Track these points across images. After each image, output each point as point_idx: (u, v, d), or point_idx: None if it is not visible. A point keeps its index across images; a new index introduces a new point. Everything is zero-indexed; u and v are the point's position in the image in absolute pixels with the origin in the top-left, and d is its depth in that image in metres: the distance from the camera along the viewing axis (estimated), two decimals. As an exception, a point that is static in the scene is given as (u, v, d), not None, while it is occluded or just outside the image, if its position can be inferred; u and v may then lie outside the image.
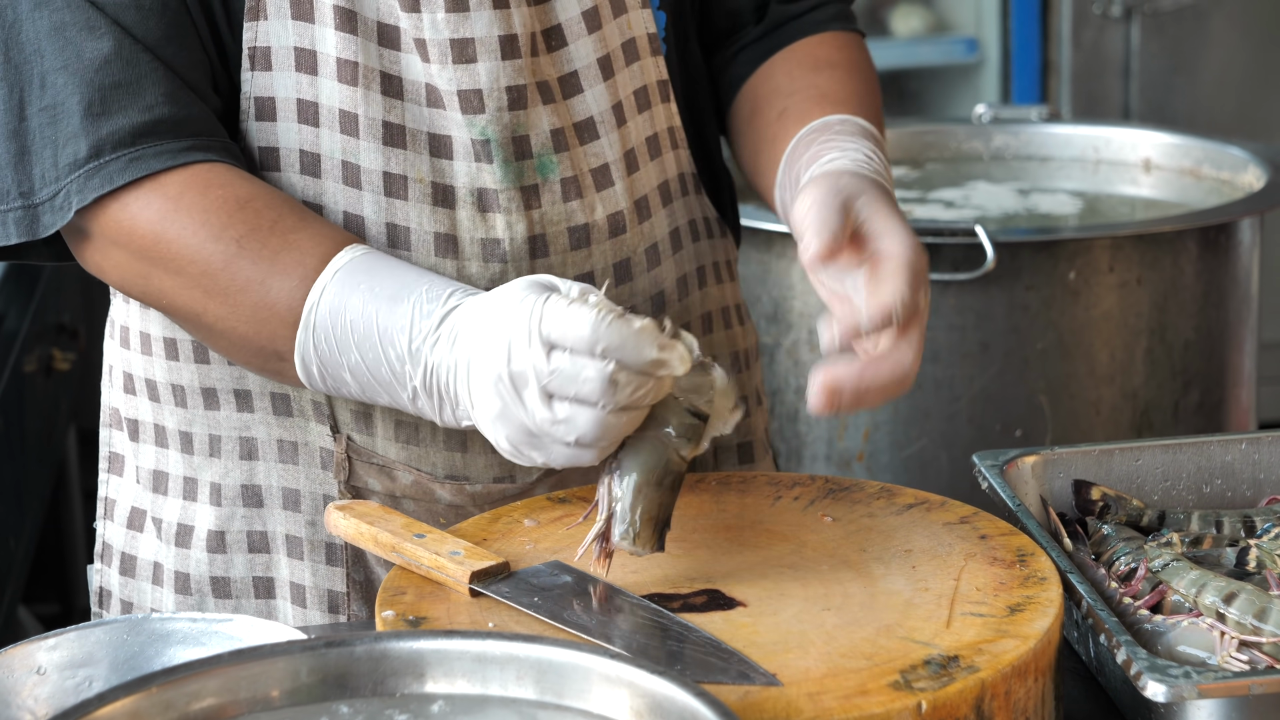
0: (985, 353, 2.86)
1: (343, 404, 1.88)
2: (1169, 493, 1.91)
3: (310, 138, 1.84)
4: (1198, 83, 5.08)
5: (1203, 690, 1.49)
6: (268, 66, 1.83)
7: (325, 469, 1.91)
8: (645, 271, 1.94)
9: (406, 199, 1.84)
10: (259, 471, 1.92)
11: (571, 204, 1.88)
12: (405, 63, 1.83)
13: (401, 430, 1.89)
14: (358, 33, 1.81)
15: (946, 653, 1.51)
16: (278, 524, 1.93)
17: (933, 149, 3.51)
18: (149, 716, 1.39)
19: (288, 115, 1.84)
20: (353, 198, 1.84)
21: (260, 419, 1.91)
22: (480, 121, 1.84)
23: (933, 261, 2.83)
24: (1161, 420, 2.91)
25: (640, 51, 1.94)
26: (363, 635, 1.45)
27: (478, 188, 1.85)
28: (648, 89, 1.95)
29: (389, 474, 1.89)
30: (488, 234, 1.86)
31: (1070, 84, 5.10)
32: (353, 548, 1.90)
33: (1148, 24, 5.00)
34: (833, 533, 1.73)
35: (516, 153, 1.86)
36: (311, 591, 1.92)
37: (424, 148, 1.84)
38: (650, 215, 1.95)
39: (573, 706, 1.42)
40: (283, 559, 1.93)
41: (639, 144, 1.94)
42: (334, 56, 1.82)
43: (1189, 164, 3.35)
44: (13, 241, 1.81)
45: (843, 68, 2.00)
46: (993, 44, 5.24)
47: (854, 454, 2.93)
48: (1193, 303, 2.91)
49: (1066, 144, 3.46)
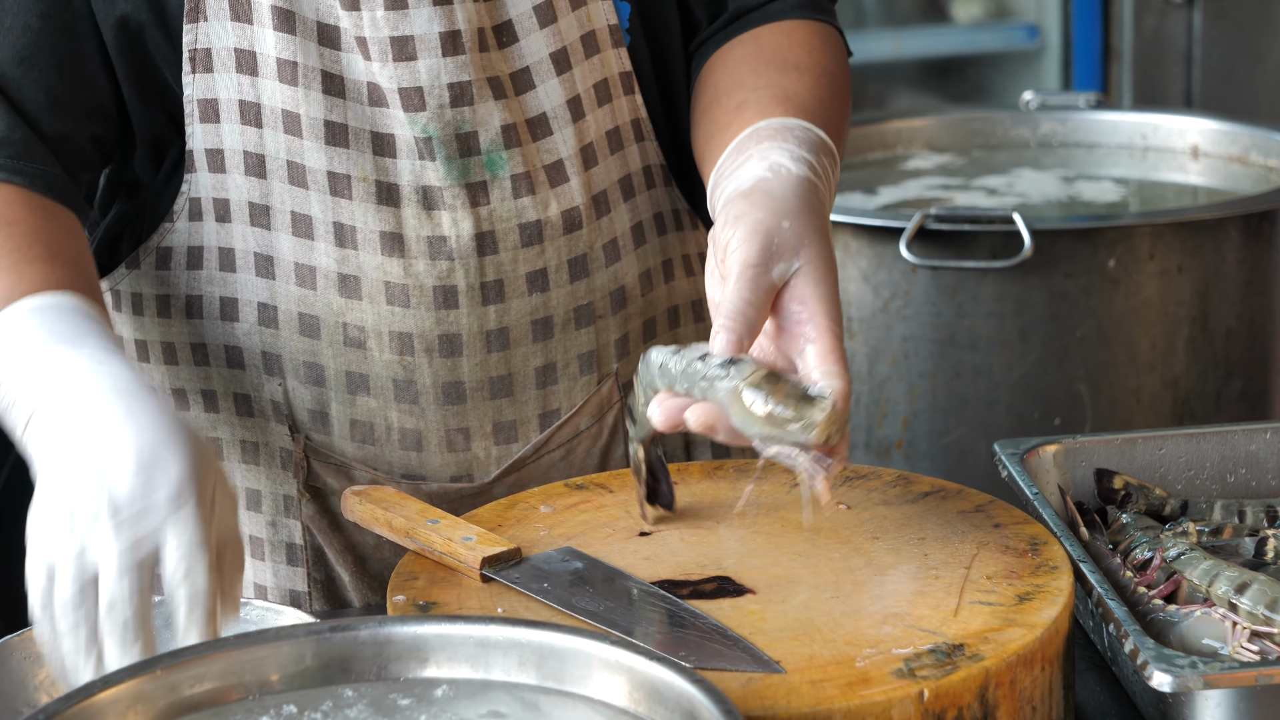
0: (1024, 341, 2.85)
1: (300, 403, 1.89)
2: (1192, 482, 1.90)
3: (254, 138, 1.84)
4: (1261, 69, 5.04)
5: (1209, 681, 1.48)
6: (209, 68, 1.84)
7: (285, 469, 1.92)
8: (604, 267, 1.92)
9: (351, 198, 1.84)
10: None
11: (523, 200, 1.87)
12: (346, 61, 1.83)
13: (357, 429, 1.89)
14: (296, 33, 1.81)
15: (952, 641, 1.51)
16: (242, 525, 1.93)
17: (979, 136, 3.50)
18: (153, 699, 1.40)
19: (231, 116, 1.84)
20: (299, 197, 1.85)
21: (225, 419, 1.93)
22: (421, 119, 1.83)
23: (971, 249, 2.84)
24: (1203, 409, 2.89)
25: (600, 44, 1.92)
26: (366, 620, 1.46)
27: (422, 185, 1.85)
28: (609, 81, 1.93)
29: (346, 473, 1.90)
30: (434, 232, 1.85)
31: (1131, 70, 5.07)
32: (313, 547, 1.93)
33: (1210, 9, 4.96)
34: (846, 520, 1.73)
35: (461, 149, 1.85)
36: (273, 592, 1.94)
37: (367, 146, 1.84)
38: (610, 210, 1.93)
39: (573, 692, 1.43)
40: (246, 559, 1.94)
41: (598, 138, 1.92)
42: (274, 57, 1.82)
43: (1237, 151, 3.33)
44: None
45: (811, 73, 1.90)
46: (1054, 30, 5.21)
47: (892, 442, 2.93)
48: (1235, 291, 2.89)
49: (1114, 131, 3.45)
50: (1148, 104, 4.77)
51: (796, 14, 1.97)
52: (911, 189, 3.27)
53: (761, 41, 1.94)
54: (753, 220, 1.64)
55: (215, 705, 1.42)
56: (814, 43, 1.96)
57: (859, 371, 2.93)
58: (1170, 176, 3.34)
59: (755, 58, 1.92)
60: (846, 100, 1.93)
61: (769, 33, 1.95)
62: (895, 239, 2.83)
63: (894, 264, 2.86)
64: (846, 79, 1.95)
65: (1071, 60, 5.18)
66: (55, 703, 1.36)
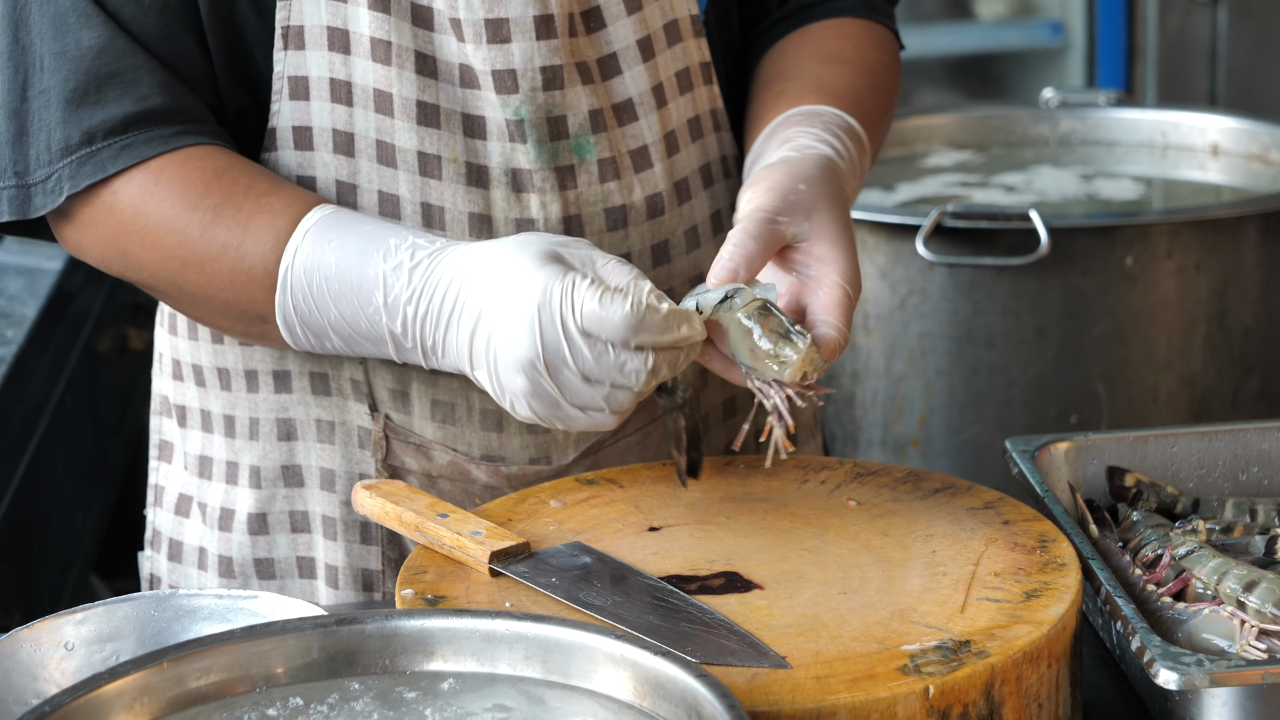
0: (1041, 338, 2.84)
1: (381, 382, 1.90)
2: (1204, 480, 1.90)
3: (344, 117, 1.85)
4: (1288, 67, 5.03)
5: (1215, 679, 1.48)
6: (301, 45, 1.85)
7: (363, 448, 1.92)
8: (684, 254, 1.94)
9: (441, 179, 1.85)
10: (298, 452, 1.94)
11: (609, 185, 1.89)
12: (439, 42, 1.84)
13: (438, 410, 1.90)
14: (391, 12, 1.83)
15: (958, 637, 1.51)
16: (315, 504, 1.95)
17: (999, 133, 3.49)
18: (160, 691, 1.41)
19: (321, 94, 1.85)
20: (388, 177, 1.85)
21: (299, 399, 1.93)
22: (514, 102, 1.85)
23: (988, 246, 2.83)
24: (1221, 407, 2.88)
25: (682, 33, 1.95)
26: (373, 613, 1.47)
27: (512, 168, 1.86)
28: (690, 70, 1.96)
29: (425, 453, 1.91)
30: (522, 214, 1.87)
31: (1156, 68, 5.06)
32: (387, 527, 1.92)
33: (1235, 7, 4.95)
34: (856, 516, 1.73)
35: (551, 133, 1.86)
36: (345, 572, 1.94)
37: (458, 128, 1.85)
38: (691, 198, 1.95)
39: (578, 686, 1.43)
40: (319, 539, 1.95)
41: (680, 126, 1.95)
42: (367, 36, 1.83)
43: (1257, 149, 3.32)
44: (4, 219, 1.84)
45: (851, 64, 2.00)
46: (1078, 28, 5.20)
47: (909, 439, 2.93)
48: (1253, 289, 2.88)
49: (1134, 129, 3.44)
50: (1172, 102, 4.76)
51: (853, 13, 2.06)
52: (930, 186, 3.26)
53: (809, 35, 2.04)
54: (769, 180, 1.78)
55: (221, 697, 1.43)
56: (861, 38, 2.04)
57: (876, 368, 2.93)
58: (1190, 174, 3.33)
59: (800, 50, 2.02)
60: (888, 94, 2.03)
61: (818, 28, 2.05)
62: (912, 236, 2.83)
63: (911, 261, 2.86)
64: (891, 75, 2.05)
65: (1096, 58, 5.17)
66: (62, 694, 1.37)
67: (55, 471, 3.21)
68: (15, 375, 2.99)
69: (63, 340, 3.34)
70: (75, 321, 3.44)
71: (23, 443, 3.03)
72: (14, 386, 2.98)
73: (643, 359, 1.65)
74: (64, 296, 3.35)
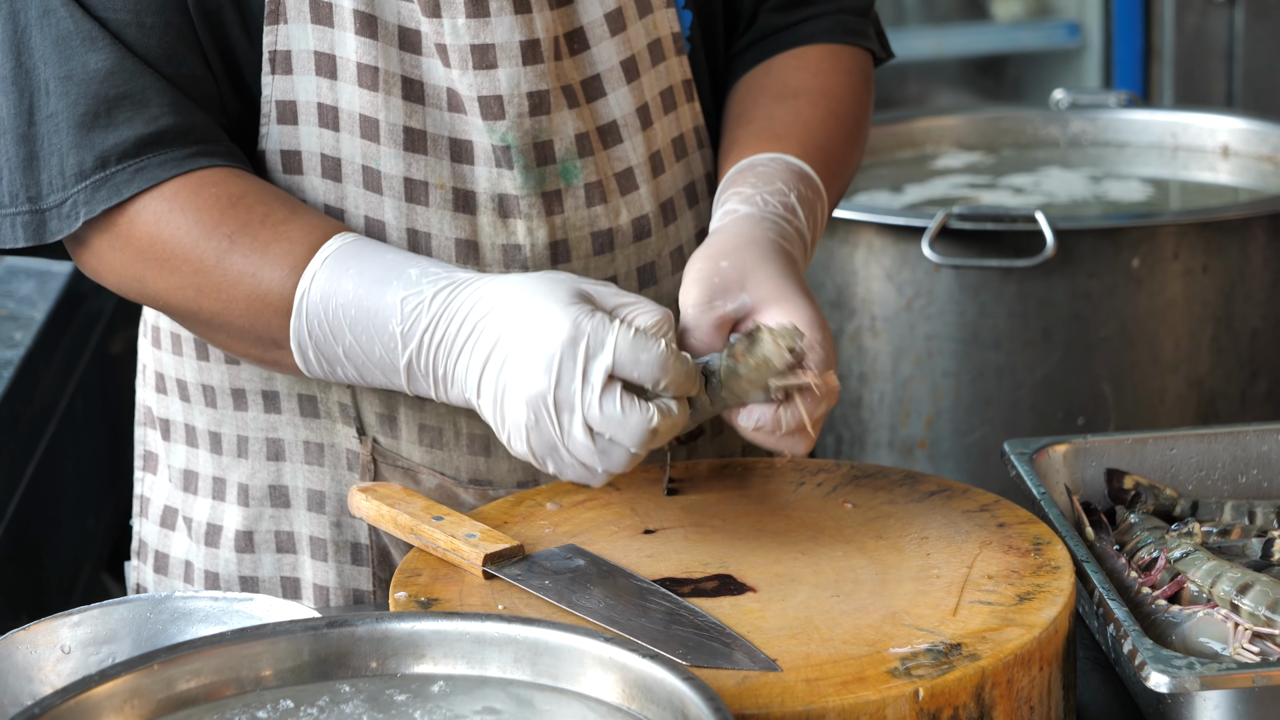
0: (1047, 340, 2.84)
1: (368, 406, 1.90)
2: (1204, 483, 1.90)
3: (331, 142, 1.85)
4: (1305, 68, 5.02)
5: (1206, 682, 1.48)
6: (288, 70, 1.84)
7: (351, 470, 1.92)
8: (670, 275, 1.93)
9: (427, 205, 1.84)
10: (285, 472, 1.94)
11: (595, 209, 1.88)
12: (426, 67, 1.83)
13: (425, 434, 1.90)
14: (378, 37, 1.82)
15: (949, 640, 1.51)
16: (303, 525, 1.95)
17: (1009, 134, 3.48)
18: (150, 694, 1.41)
19: (309, 119, 1.85)
20: (374, 203, 1.85)
21: (287, 420, 1.93)
22: (500, 128, 1.84)
23: (994, 248, 2.83)
24: (1228, 409, 2.88)
25: (665, 52, 1.93)
26: (363, 616, 1.47)
27: (498, 193, 1.85)
28: (673, 89, 1.94)
29: (413, 477, 1.91)
30: (509, 240, 1.86)
31: (1172, 69, 5.05)
32: (378, 546, 1.93)
33: (1252, 8, 4.94)
34: (851, 519, 1.73)
35: (538, 158, 1.85)
36: (336, 592, 1.94)
37: (445, 153, 1.85)
38: (676, 218, 1.94)
39: (567, 689, 1.43)
40: (306, 560, 1.95)
41: (665, 146, 1.93)
42: (354, 61, 1.82)
43: (1267, 150, 3.31)
44: (19, 245, 1.83)
45: (807, 96, 1.96)
46: (1095, 29, 5.19)
47: (916, 441, 2.92)
48: (1260, 291, 2.87)
49: (1144, 130, 3.43)
50: (1188, 103, 4.75)
51: (823, 38, 2.02)
52: (938, 188, 3.26)
53: (771, 69, 2.01)
54: (694, 269, 1.76)
55: (211, 700, 1.43)
56: (824, 64, 2.00)
57: (882, 370, 2.93)
58: (1200, 176, 3.33)
59: (760, 88, 1.99)
60: (852, 118, 1.99)
61: (780, 61, 2.01)
62: (918, 238, 2.82)
63: (917, 263, 2.86)
64: (855, 100, 2.00)
65: (1112, 59, 5.16)
66: (52, 696, 1.38)
67: (65, 474, 3.21)
68: (23, 377, 3.00)
69: (73, 343, 3.34)
70: (86, 324, 3.45)
71: (31, 445, 3.04)
72: (22, 389, 2.99)
73: (648, 417, 1.62)
74: (74, 299, 3.36)
